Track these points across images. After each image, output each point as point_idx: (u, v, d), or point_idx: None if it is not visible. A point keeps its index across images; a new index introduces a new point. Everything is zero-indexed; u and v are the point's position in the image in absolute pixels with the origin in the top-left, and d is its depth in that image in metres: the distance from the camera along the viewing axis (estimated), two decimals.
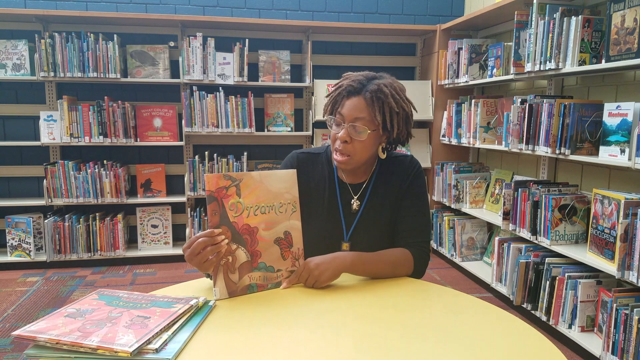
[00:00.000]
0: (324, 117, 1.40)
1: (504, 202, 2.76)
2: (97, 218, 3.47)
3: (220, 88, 3.53)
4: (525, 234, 2.62)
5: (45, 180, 3.39)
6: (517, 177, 3.12)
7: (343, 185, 1.43)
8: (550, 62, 2.42)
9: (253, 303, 1.12)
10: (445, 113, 3.71)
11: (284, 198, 1.21)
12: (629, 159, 2.02)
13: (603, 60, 2.21)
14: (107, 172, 3.44)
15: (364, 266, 1.28)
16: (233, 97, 3.54)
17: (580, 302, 2.27)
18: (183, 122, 3.50)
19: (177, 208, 3.78)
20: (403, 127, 1.34)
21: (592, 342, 2.20)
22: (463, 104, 3.41)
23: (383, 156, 1.40)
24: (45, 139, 3.39)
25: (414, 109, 1.36)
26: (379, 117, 1.28)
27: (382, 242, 1.39)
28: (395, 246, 1.38)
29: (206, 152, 3.63)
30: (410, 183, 1.41)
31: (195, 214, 3.65)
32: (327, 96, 1.39)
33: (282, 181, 1.22)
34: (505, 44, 3.01)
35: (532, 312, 2.56)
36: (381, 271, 1.30)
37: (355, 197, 1.41)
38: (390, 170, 1.42)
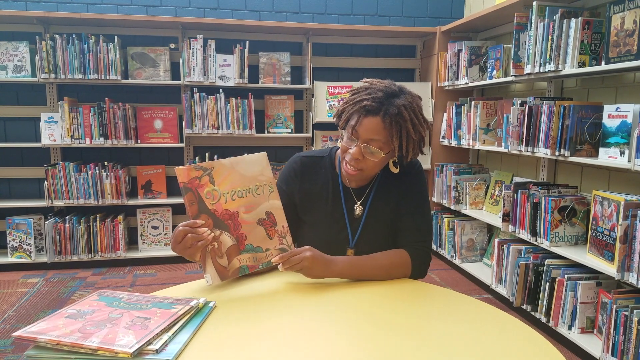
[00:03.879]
0: (335, 122, 1.37)
1: (504, 204, 2.77)
2: (98, 219, 3.48)
3: (221, 90, 3.54)
4: (525, 235, 2.62)
5: (46, 181, 3.39)
6: (517, 179, 3.12)
7: (346, 190, 1.42)
8: (549, 64, 2.42)
9: (253, 304, 1.12)
10: (445, 115, 3.72)
11: (259, 180, 1.23)
12: (629, 161, 2.02)
13: (603, 62, 2.21)
14: (108, 174, 3.45)
15: (358, 270, 1.28)
16: (233, 98, 3.54)
17: (580, 303, 2.27)
18: (183, 123, 3.51)
19: (178, 209, 3.78)
20: (417, 150, 1.32)
21: (592, 344, 2.20)
22: (463, 106, 3.42)
23: (396, 170, 1.38)
24: (46, 140, 3.40)
25: (430, 128, 1.34)
26: (396, 142, 1.26)
27: (387, 247, 1.37)
28: (397, 246, 1.38)
29: (206, 154, 3.64)
30: (411, 182, 1.41)
31: None
32: (343, 103, 1.33)
33: (254, 164, 1.23)
34: (504, 45, 3.02)
35: (532, 313, 2.56)
36: (376, 275, 1.29)
37: (359, 203, 1.41)
38: (392, 172, 1.41)
